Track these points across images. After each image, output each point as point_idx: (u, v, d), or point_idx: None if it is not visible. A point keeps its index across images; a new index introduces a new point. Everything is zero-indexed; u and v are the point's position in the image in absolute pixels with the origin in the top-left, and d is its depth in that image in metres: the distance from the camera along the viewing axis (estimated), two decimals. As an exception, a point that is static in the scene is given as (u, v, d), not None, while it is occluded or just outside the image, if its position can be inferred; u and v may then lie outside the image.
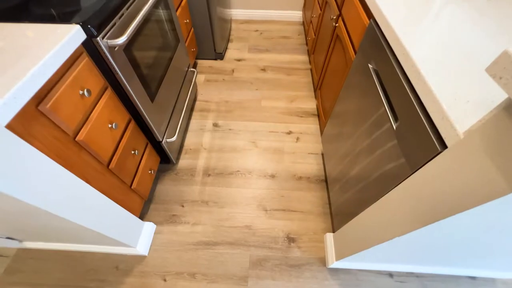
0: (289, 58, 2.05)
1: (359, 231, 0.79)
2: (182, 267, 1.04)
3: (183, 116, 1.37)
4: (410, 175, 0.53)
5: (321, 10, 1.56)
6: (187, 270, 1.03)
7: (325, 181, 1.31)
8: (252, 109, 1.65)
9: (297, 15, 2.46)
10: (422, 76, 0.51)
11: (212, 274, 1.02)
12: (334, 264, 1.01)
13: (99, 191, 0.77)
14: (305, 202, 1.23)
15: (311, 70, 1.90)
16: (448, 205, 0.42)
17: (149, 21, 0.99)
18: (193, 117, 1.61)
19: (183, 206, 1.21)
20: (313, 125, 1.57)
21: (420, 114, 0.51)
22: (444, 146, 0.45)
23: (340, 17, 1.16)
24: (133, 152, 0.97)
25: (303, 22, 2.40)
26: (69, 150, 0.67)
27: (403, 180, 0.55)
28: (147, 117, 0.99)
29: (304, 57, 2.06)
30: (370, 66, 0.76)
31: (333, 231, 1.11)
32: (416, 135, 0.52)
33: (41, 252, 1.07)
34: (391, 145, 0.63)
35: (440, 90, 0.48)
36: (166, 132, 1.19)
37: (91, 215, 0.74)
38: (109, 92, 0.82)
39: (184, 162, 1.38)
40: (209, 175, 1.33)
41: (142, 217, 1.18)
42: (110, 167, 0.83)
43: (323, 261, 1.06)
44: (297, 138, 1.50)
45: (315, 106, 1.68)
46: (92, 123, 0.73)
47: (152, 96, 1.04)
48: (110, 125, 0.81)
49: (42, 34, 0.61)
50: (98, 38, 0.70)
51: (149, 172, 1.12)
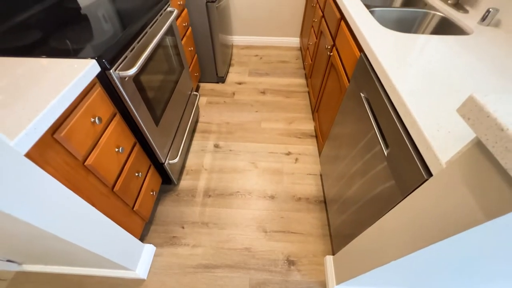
0: (288, 82, 2.14)
1: (357, 254, 0.80)
2: (181, 292, 1.02)
3: (185, 138, 1.42)
4: (401, 200, 0.56)
5: (317, 39, 1.67)
6: (186, 295, 1.02)
7: (324, 202, 1.32)
8: (252, 131, 1.71)
9: (295, 41, 2.61)
10: (408, 108, 0.56)
11: (211, 299, 1.00)
12: (335, 288, 1.00)
13: (103, 214, 0.80)
14: (305, 224, 1.24)
15: (309, 93, 1.98)
16: (436, 231, 0.45)
17: (157, 51, 1.07)
18: (195, 138, 1.65)
19: (183, 228, 1.22)
20: (312, 146, 1.61)
21: (407, 143, 0.55)
22: (430, 174, 0.48)
23: (334, 47, 1.25)
24: (137, 174, 1.00)
25: (301, 48, 2.54)
26: (78, 174, 0.70)
27: (396, 205, 0.58)
28: (152, 140, 1.04)
29: (302, 81, 2.16)
30: (362, 95, 0.82)
31: (333, 254, 1.11)
32: (405, 162, 0.56)
33: (40, 276, 1.06)
34: (383, 170, 0.66)
35: (424, 121, 0.52)
36: (169, 154, 1.23)
37: (95, 238, 0.75)
38: (118, 118, 0.87)
39: (185, 183, 1.40)
40: (210, 196, 1.34)
41: (142, 239, 1.18)
42: (115, 190, 0.86)
43: (324, 285, 1.05)
44: (296, 159, 1.53)
45: (313, 128, 1.74)
46: (101, 148, 0.77)
47: (157, 120, 1.09)
48: (117, 149, 0.85)
49: (61, 68, 0.67)
50: (111, 71, 0.76)
51: (151, 194, 1.14)
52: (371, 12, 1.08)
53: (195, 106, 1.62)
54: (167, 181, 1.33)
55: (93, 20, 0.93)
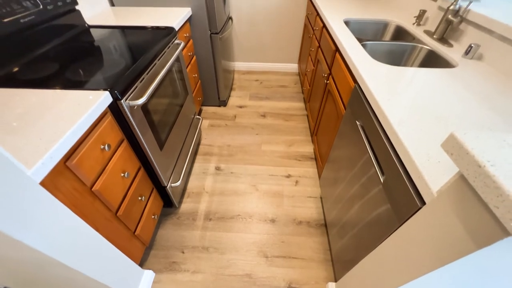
0: (287, 105, 2.22)
1: (359, 282, 0.80)
2: (180, 321, 0.99)
3: (188, 161, 1.45)
4: (398, 227, 0.58)
5: (314, 67, 1.77)
6: (185, 325, 0.98)
7: (325, 226, 1.32)
8: (253, 153, 1.74)
9: (293, 67, 2.74)
10: (399, 138, 0.60)
11: (211, 330, 0.97)
12: (338, 318, 0.97)
13: (106, 239, 0.80)
14: (306, 248, 1.23)
15: (308, 116, 2.04)
16: (433, 259, 0.46)
17: (164, 79, 1.14)
18: (197, 161, 1.68)
19: (184, 252, 1.20)
20: (311, 169, 1.63)
21: (401, 171, 0.59)
22: (424, 202, 0.51)
23: (331, 76, 1.33)
24: (140, 198, 1.02)
25: (299, 73, 2.66)
26: (85, 200, 0.72)
27: (393, 232, 0.60)
28: (156, 164, 1.07)
29: (301, 104, 2.24)
30: (358, 123, 0.86)
31: (335, 280, 1.08)
32: (400, 190, 0.59)
33: (34, 304, 1.03)
34: (380, 196, 0.69)
35: (415, 151, 0.56)
36: (171, 177, 1.25)
37: (96, 264, 0.75)
38: (125, 144, 0.91)
39: (186, 206, 1.41)
40: (210, 219, 1.34)
41: (142, 264, 1.16)
42: (118, 214, 0.87)
43: (327, 315, 1.02)
44: (296, 182, 1.55)
45: (313, 150, 1.77)
46: (108, 174, 0.80)
47: (161, 144, 1.13)
48: (123, 174, 0.88)
49: (77, 99, 0.72)
50: (122, 101, 0.81)
51: (152, 217, 1.14)
52: (363, 46, 1.16)
53: (198, 130, 1.68)
54: (169, 204, 1.34)
55: (106, 53, 1.01)
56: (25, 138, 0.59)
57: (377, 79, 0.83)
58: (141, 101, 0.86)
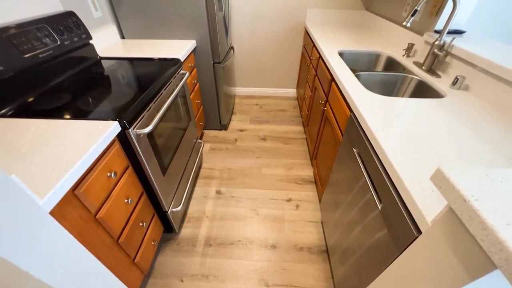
0: (286, 129, 2.28)
1: (363, 313, 0.78)
2: None
3: (189, 185, 1.46)
4: (398, 256, 0.59)
5: (312, 93, 1.85)
6: None
7: (327, 252, 1.30)
8: (253, 177, 1.76)
9: (292, 92, 2.85)
10: (394, 168, 0.63)
11: None
12: None
13: (106, 267, 0.80)
14: (308, 276, 1.20)
15: (307, 140, 2.09)
16: (432, 289, 0.47)
17: (169, 108, 1.20)
18: (198, 185, 1.70)
19: (183, 281, 1.17)
20: (311, 192, 1.64)
21: (397, 200, 0.61)
22: (420, 231, 0.53)
23: (328, 103, 1.39)
24: (141, 224, 1.02)
25: (297, 98, 2.76)
26: (89, 227, 0.73)
27: (393, 260, 0.61)
28: (158, 190, 1.09)
29: (300, 128, 2.30)
30: (355, 150, 0.90)
31: (339, 311, 1.05)
32: (398, 218, 0.61)
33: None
34: (378, 224, 0.70)
35: (409, 181, 0.59)
36: (173, 202, 1.26)
37: (95, 295, 0.74)
38: (130, 171, 0.93)
39: (186, 231, 1.39)
40: (211, 245, 1.33)
41: (139, 294, 1.13)
42: (119, 241, 0.87)
43: None
44: (297, 206, 1.55)
45: (312, 174, 1.79)
46: (112, 200, 0.82)
47: (164, 170, 1.15)
48: (126, 200, 0.89)
49: (87, 130, 0.76)
50: (130, 130, 0.85)
51: (152, 244, 1.14)
52: (357, 76, 1.24)
53: (199, 154, 1.71)
54: (169, 230, 1.33)
55: (116, 83, 1.08)
56: (39, 167, 0.62)
57: (371, 109, 0.88)
58: (148, 130, 0.90)
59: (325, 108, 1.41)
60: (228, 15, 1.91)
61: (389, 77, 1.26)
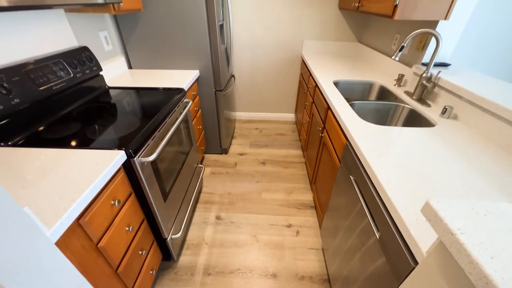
0: (286, 153, 2.32)
1: None
2: None
3: (189, 210, 1.46)
4: (398, 287, 0.59)
5: (310, 119, 1.92)
6: None
7: (328, 281, 1.27)
8: (253, 201, 1.76)
9: (291, 116, 2.94)
10: (389, 198, 0.66)
11: None
12: None
13: (104, 299, 0.78)
14: (310, 308, 1.16)
15: (306, 164, 2.12)
16: (431, 323, 0.47)
17: (172, 135, 1.24)
18: (197, 209, 1.69)
19: (180, 313, 1.13)
20: (312, 218, 1.63)
21: (393, 230, 0.63)
22: (416, 262, 0.54)
23: (325, 130, 1.45)
24: (140, 253, 1.01)
25: (296, 122, 2.84)
26: (90, 257, 0.74)
27: (393, 292, 0.61)
28: (159, 216, 1.09)
29: (299, 152, 2.34)
30: (352, 178, 0.93)
31: None
32: (395, 248, 0.62)
33: None
34: (377, 254, 0.71)
35: (404, 210, 0.61)
36: (172, 228, 1.25)
37: (91, 329, 0.72)
38: (132, 198, 0.95)
39: (185, 259, 1.37)
40: (209, 274, 1.29)
41: (134, 328, 1.08)
42: (118, 271, 0.87)
43: None
44: (297, 232, 1.53)
45: (312, 198, 1.80)
46: (114, 229, 0.82)
47: (166, 196, 1.17)
48: (127, 228, 0.90)
49: (95, 159, 0.80)
50: (135, 158, 0.89)
51: (150, 273, 1.11)
52: (352, 105, 1.31)
53: (200, 178, 1.73)
54: (167, 257, 1.31)
55: (123, 112, 1.13)
56: (47, 197, 0.64)
57: (366, 138, 0.92)
58: (152, 158, 0.94)
59: (323, 135, 1.46)
60: (230, 47, 2.05)
61: (382, 106, 1.33)
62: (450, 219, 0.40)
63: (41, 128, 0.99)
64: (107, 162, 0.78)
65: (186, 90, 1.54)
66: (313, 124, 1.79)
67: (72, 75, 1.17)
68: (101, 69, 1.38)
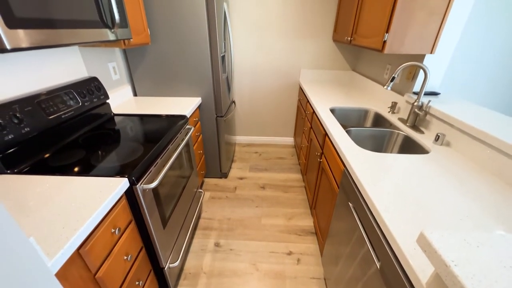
0: (285, 177, 2.33)
1: None
2: None
3: (188, 237, 1.44)
4: (400, 321, 0.58)
5: (308, 144, 1.96)
6: None
7: (332, 314, 1.21)
8: (253, 227, 1.73)
9: (290, 140, 3.00)
10: (387, 227, 0.67)
11: None
12: None
13: (97, 335, 0.75)
14: None
15: (305, 188, 2.12)
16: None
17: (174, 161, 1.27)
18: (196, 236, 1.66)
19: None
20: (312, 245, 1.60)
21: (393, 259, 0.63)
22: (417, 294, 0.54)
23: (323, 155, 1.48)
24: (137, 283, 0.98)
25: (295, 146, 2.89)
26: (86, 288, 0.72)
27: (397, 326, 0.59)
28: (157, 244, 1.08)
29: (298, 176, 2.35)
30: (350, 205, 0.94)
31: None
32: (396, 279, 0.62)
33: None
34: (379, 285, 0.70)
35: (402, 240, 0.62)
36: (170, 256, 1.23)
37: None
38: (132, 226, 0.95)
39: (182, 290, 1.32)
40: (207, 307, 1.24)
41: None
42: (114, 304, 0.84)
43: None
44: (298, 260, 1.49)
45: (312, 224, 1.77)
46: (113, 258, 0.82)
47: (165, 223, 1.16)
48: (126, 257, 0.89)
49: (98, 186, 0.81)
50: (137, 186, 0.91)
51: (146, 305, 1.07)
52: (348, 132, 1.35)
53: (199, 204, 1.72)
54: (164, 288, 1.26)
55: (126, 139, 1.17)
56: (50, 226, 0.65)
57: (363, 165, 0.95)
58: (153, 185, 0.95)
59: (321, 160, 1.49)
60: (231, 75, 2.16)
61: (378, 132, 1.38)
62: (444, 251, 0.41)
63: (47, 155, 1.02)
64: (110, 190, 0.80)
65: (189, 117, 1.60)
66: (312, 149, 1.83)
67: (81, 104, 1.23)
68: (108, 97, 1.45)
